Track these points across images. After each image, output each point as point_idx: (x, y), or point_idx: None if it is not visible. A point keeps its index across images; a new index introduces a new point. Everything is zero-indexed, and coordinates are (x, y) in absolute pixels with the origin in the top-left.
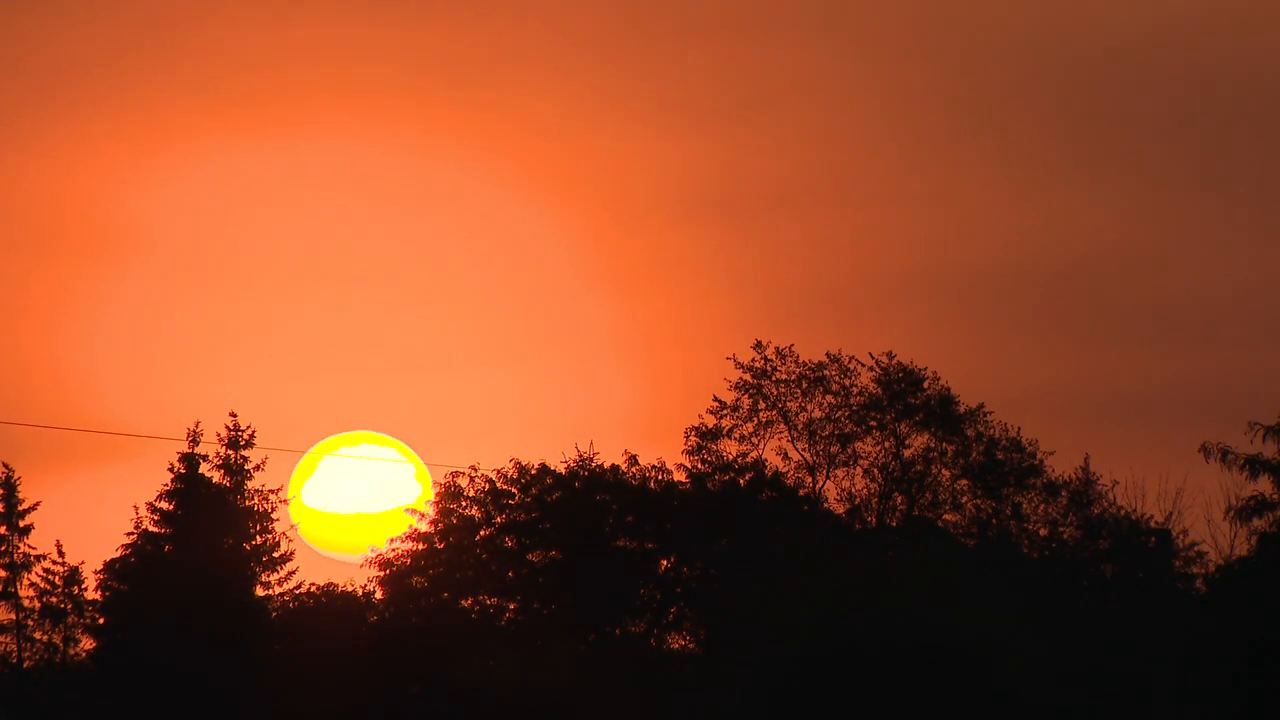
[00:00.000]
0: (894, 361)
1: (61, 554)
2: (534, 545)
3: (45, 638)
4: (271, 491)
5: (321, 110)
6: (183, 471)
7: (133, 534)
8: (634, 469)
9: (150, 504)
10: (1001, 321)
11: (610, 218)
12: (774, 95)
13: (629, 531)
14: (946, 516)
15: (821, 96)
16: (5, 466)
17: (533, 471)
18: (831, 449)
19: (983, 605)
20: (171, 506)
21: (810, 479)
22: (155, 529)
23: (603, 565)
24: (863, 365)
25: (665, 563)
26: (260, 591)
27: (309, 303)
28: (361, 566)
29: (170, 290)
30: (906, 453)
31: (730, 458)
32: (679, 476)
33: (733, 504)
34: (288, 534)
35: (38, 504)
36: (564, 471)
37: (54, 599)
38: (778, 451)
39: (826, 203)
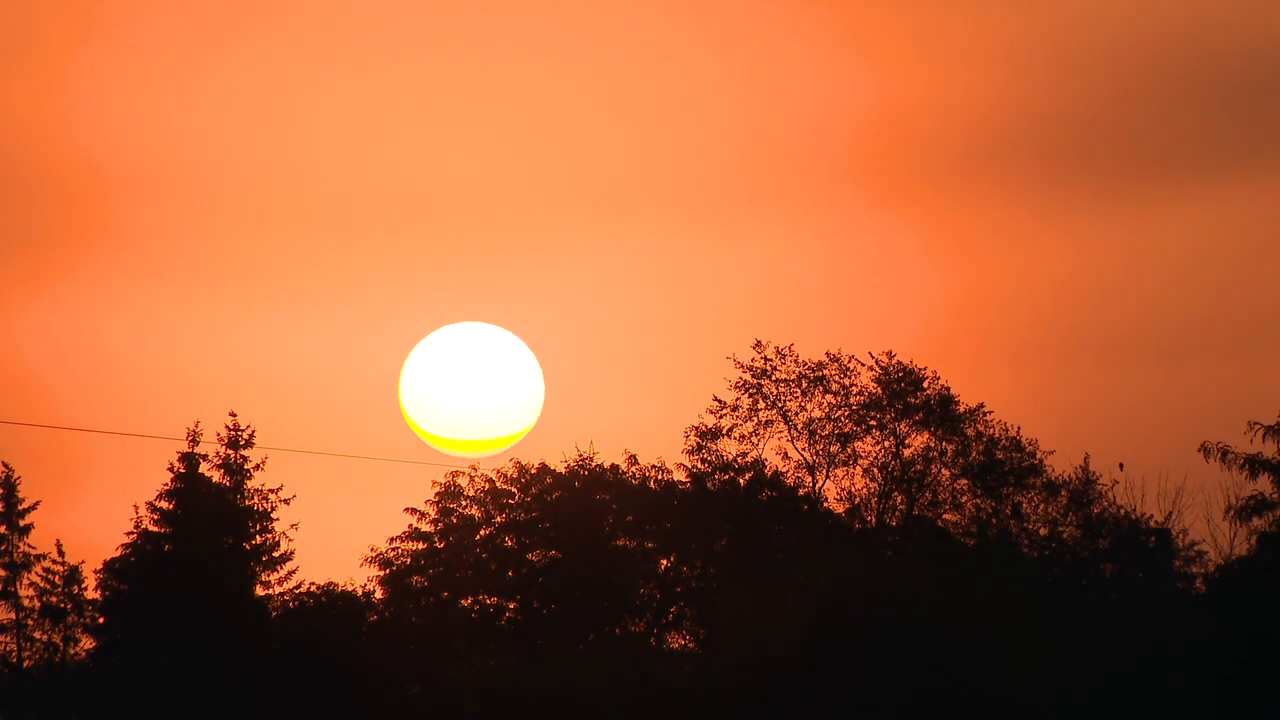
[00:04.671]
0: (894, 361)
1: (61, 554)
2: (534, 545)
3: (45, 638)
4: (271, 491)
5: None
6: (183, 471)
7: (133, 534)
8: (634, 469)
9: (150, 504)
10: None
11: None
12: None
13: (629, 531)
14: (946, 516)
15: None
16: (5, 466)
17: (532, 471)
18: (831, 449)
19: (982, 605)
20: (171, 506)
21: (810, 479)
22: (155, 529)
23: (603, 565)
24: (863, 365)
25: (665, 562)
26: (260, 591)
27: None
28: (361, 566)
29: (171, 284)
30: (906, 452)
31: (730, 457)
32: (679, 476)
33: (733, 504)
34: (287, 534)
35: (38, 504)
36: (564, 471)
37: (54, 599)
38: (778, 451)
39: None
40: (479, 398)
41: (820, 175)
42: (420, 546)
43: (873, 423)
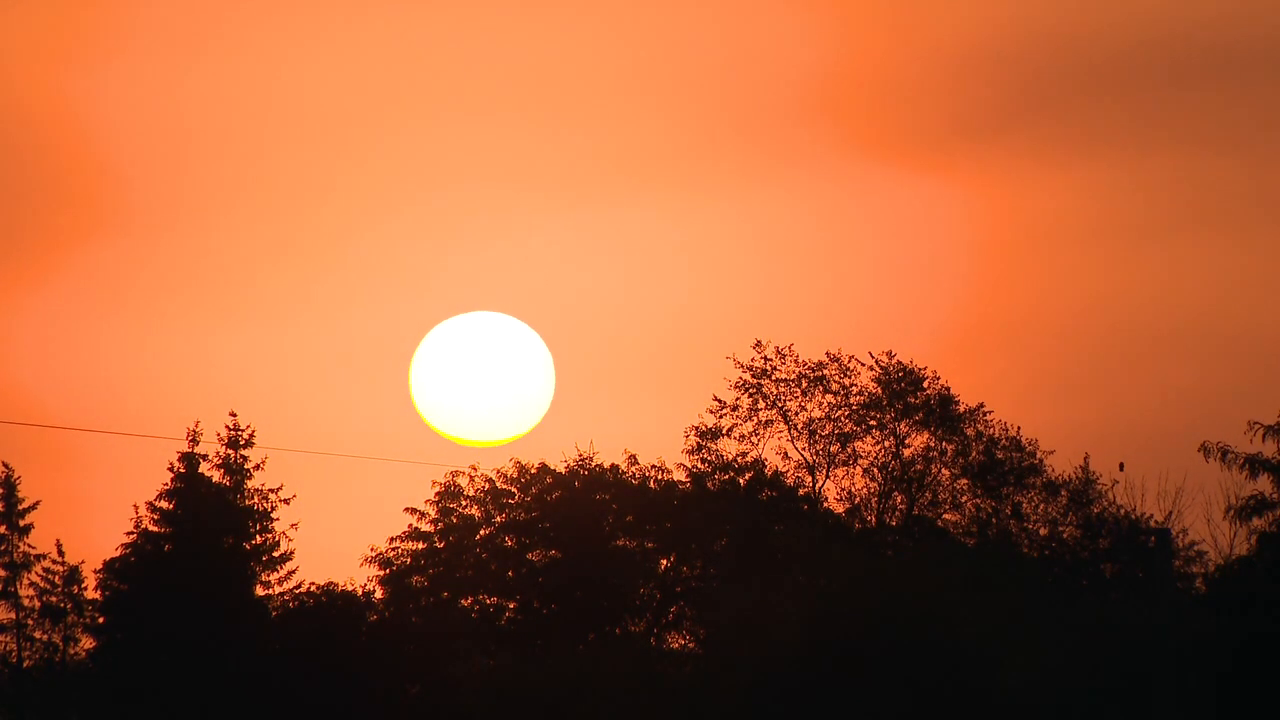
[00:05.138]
0: (894, 361)
1: (61, 554)
2: (534, 545)
3: (45, 637)
4: (271, 491)
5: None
6: (183, 471)
7: (133, 534)
8: (634, 468)
9: (150, 504)
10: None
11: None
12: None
13: (629, 531)
14: (946, 516)
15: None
16: (5, 466)
17: (532, 471)
18: (831, 448)
19: (982, 605)
20: (171, 506)
21: (810, 479)
22: (155, 529)
23: (603, 565)
24: (862, 365)
25: (665, 562)
26: (260, 591)
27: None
28: (361, 566)
29: (172, 284)
30: (906, 452)
31: (730, 457)
32: (679, 476)
33: (733, 504)
34: (287, 534)
35: (38, 504)
36: (564, 471)
37: (54, 599)
38: (778, 451)
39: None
40: (490, 388)
41: (835, 173)
42: (420, 546)
43: (873, 423)
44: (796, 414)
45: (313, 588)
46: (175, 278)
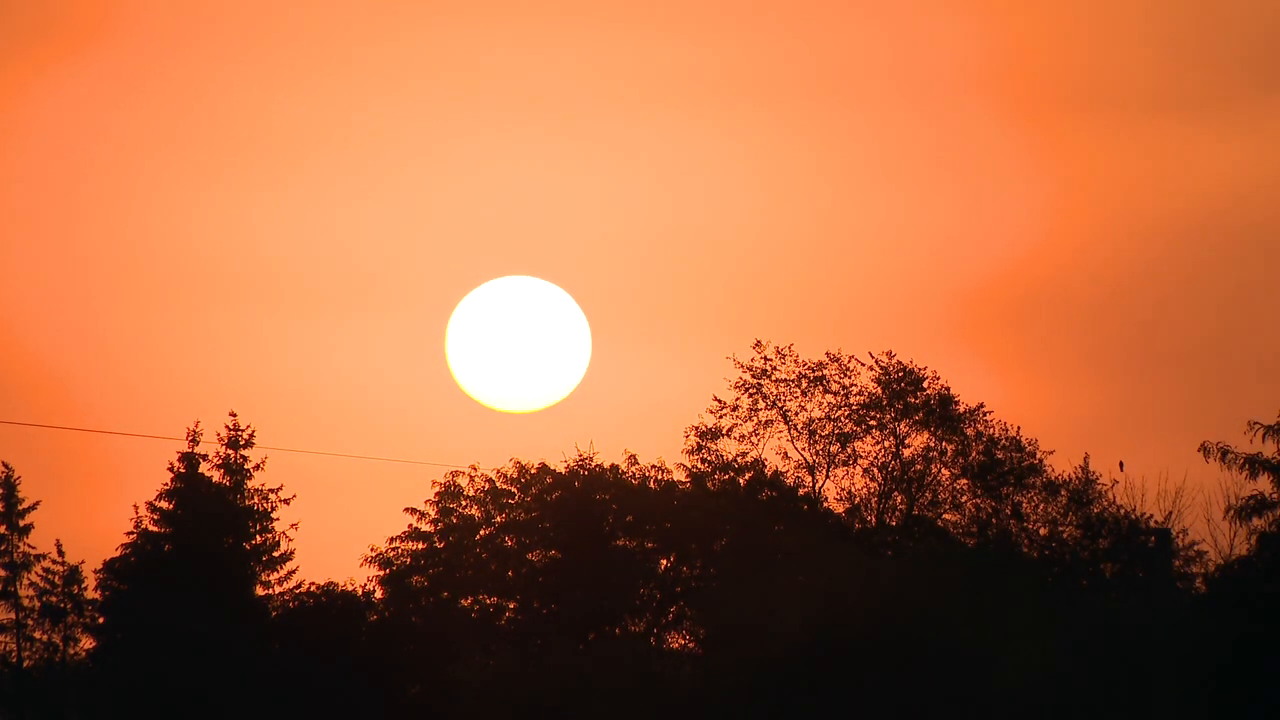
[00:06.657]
0: (894, 361)
1: (61, 554)
2: (534, 545)
3: (45, 637)
4: (271, 491)
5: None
6: (183, 471)
7: (133, 534)
8: (634, 469)
9: (150, 504)
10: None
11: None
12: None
13: (629, 531)
14: (946, 516)
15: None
16: (5, 466)
17: (532, 471)
18: (831, 448)
19: (982, 605)
20: (171, 506)
21: (810, 479)
22: (155, 529)
23: (603, 565)
24: (862, 365)
25: (665, 562)
26: (260, 591)
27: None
28: (361, 566)
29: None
30: (906, 452)
31: (730, 457)
32: (679, 476)
33: (733, 504)
34: (287, 534)
35: (38, 504)
36: (564, 471)
37: (54, 599)
38: (778, 451)
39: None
40: (526, 355)
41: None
42: (420, 546)
43: (873, 423)
44: (796, 414)
45: (313, 588)
46: (177, 273)
